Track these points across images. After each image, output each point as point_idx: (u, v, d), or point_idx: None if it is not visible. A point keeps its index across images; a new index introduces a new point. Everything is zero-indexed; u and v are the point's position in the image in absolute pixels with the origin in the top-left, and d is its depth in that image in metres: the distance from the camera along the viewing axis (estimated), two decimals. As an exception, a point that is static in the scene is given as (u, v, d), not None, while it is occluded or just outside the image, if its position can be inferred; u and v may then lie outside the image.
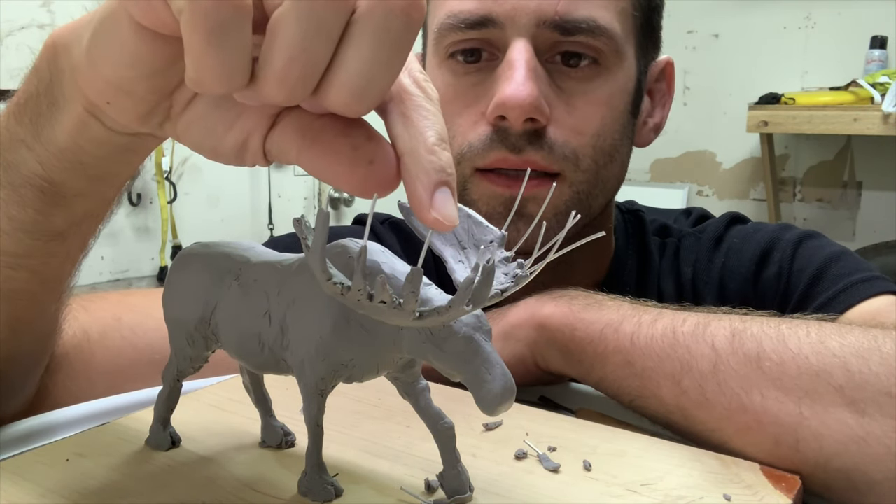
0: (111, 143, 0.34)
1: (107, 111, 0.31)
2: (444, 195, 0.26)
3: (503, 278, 0.29)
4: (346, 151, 0.27)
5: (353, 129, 0.28)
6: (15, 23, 1.74)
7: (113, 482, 0.37)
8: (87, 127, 0.33)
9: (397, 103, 0.28)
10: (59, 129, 0.35)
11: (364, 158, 0.27)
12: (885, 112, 1.93)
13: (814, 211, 2.54)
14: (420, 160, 0.26)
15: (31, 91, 0.36)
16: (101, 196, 0.41)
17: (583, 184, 0.62)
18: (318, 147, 0.28)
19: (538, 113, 0.58)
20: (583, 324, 0.50)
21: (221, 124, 0.30)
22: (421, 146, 0.27)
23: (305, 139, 0.28)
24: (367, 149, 0.27)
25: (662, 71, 0.72)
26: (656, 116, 0.72)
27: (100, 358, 0.55)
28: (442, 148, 0.27)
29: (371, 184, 0.27)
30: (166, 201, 2.08)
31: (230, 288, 0.36)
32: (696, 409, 0.45)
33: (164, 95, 0.30)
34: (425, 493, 0.36)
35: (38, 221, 0.39)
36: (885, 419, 0.40)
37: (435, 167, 0.26)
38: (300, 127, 0.28)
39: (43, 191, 0.37)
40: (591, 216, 0.65)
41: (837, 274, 0.63)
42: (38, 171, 0.37)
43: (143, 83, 0.29)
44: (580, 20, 0.59)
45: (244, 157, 0.30)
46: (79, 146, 0.35)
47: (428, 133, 0.27)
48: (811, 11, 2.44)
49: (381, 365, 0.34)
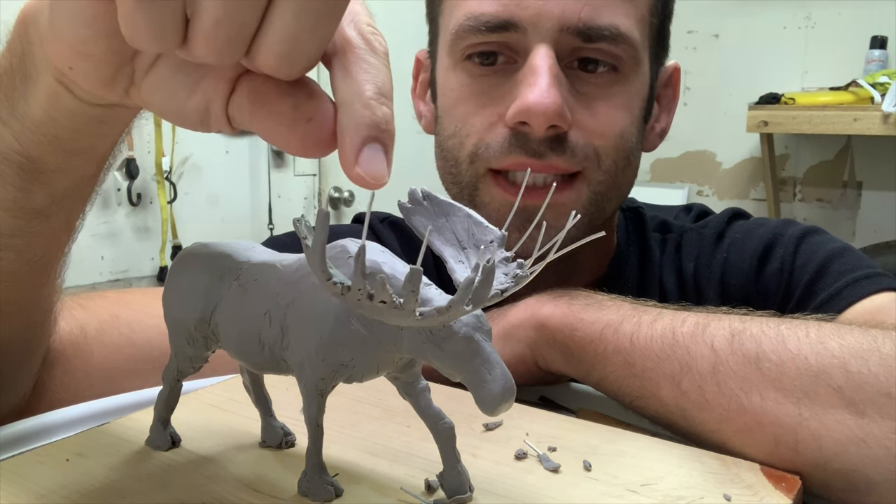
0: (83, 115, 0.35)
1: (71, 76, 0.32)
2: (373, 151, 0.26)
3: (503, 278, 0.29)
4: (287, 111, 0.27)
5: (296, 89, 0.28)
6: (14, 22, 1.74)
7: (113, 482, 0.37)
8: (58, 98, 0.34)
9: (340, 56, 0.27)
10: (33, 101, 0.35)
11: (303, 117, 0.27)
12: (885, 112, 1.93)
13: (814, 211, 2.54)
14: (353, 113, 0.26)
15: (6, 66, 0.36)
16: (79, 172, 0.41)
17: (601, 184, 0.62)
18: (264, 109, 0.28)
19: (561, 120, 0.58)
20: (583, 324, 0.50)
21: (183, 88, 0.30)
22: (356, 99, 0.26)
23: (255, 102, 0.28)
24: (307, 107, 0.27)
25: (670, 77, 0.72)
26: (663, 122, 0.73)
27: (97, 355, 0.55)
28: (379, 102, 0.26)
29: (310, 142, 0.27)
30: (166, 201, 2.08)
31: (230, 288, 0.36)
32: (695, 410, 0.45)
33: (124, 58, 0.30)
34: (425, 493, 0.36)
35: (18, 199, 0.39)
36: (885, 420, 0.40)
37: (367, 121, 0.26)
38: (251, 90, 0.28)
39: (21, 167, 0.38)
40: (603, 219, 0.65)
41: (840, 270, 0.63)
42: (14, 146, 0.37)
43: (101, 44, 0.29)
44: (603, 27, 0.59)
45: (208, 122, 0.30)
46: (52, 119, 0.35)
47: (366, 86, 0.26)
48: (811, 11, 2.44)
49: (381, 365, 0.34)
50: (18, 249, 0.42)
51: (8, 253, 0.41)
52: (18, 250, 0.42)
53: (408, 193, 0.34)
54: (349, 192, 2.63)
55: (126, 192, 2.03)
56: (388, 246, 0.34)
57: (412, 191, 0.34)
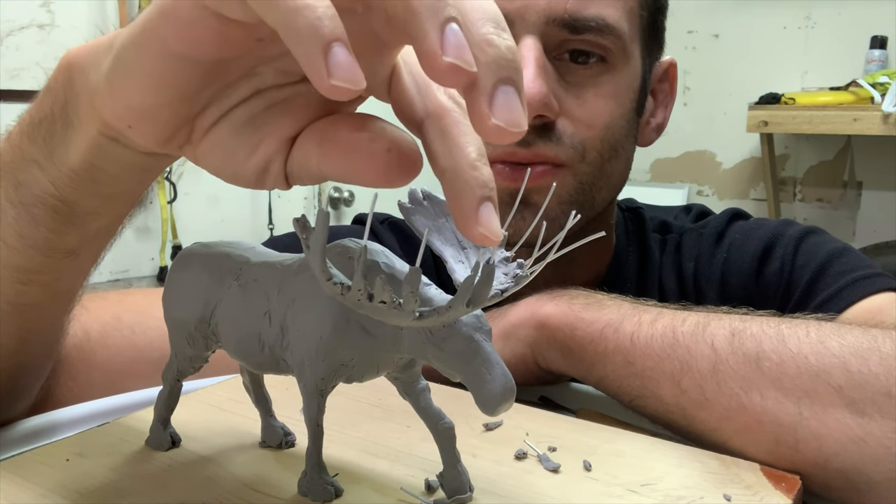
0: (127, 164, 0.34)
1: (128, 135, 0.31)
2: (488, 210, 0.26)
3: (503, 278, 0.29)
4: (364, 145, 0.27)
5: (366, 124, 0.28)
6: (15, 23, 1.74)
7: (113, 482, 0.37)
8: (101, 149, 0.33)
9: (435, 120, 0.27)
10: (73, 149, 0.34)
11: (382, 147, 0.27)
12: (885, 112, 1.92)
13: (814, 211, 2.54)
14: (463, 176, 0.26)
15: (46, 111, 0.35)
16: (114, 213, 0.40)
17: (587, 175, 0.63)
18: (336, 149, 0.28)
19: (546, 110, 0.59)
20: (583, 323, 0.50)
21: (243, 150, 0.30)
22: (463, 162, 0.26)
23: (323, 145, 0.28)
24: (384, 138, 0.27)
25: (666, 72, 0.72)
26: (658, 117, 0.73)
27: (100, 357, 0.55)
28: (483, 163, 0.27)
29: (394, 170, 0.27)
30: (166, 201, 2.07)
31: (230, 288, 0.36)
32: (695, 409, 0.45)
33: (187, 121, 0.30)
34: (425, 493, 0.36)
35: (50, 240, 0.39)
36: (885, 419, 0.40)
37: (478, 182, 0.26)
38: (317, 136, 0.28)
39: (56, 210, 0.37)
40: (594, 210, 0.66)
41: (839, 270, 0.63)
42: (50, 190, 0.36)
43: (167, 109, 0.29)
44: (589, 18, 0.60)
45: (265, 180, 0.30)
46: (93, 166, 0.35)
47: (469, 149, 0.27)
48: (811, 11, 2.44)
49: (381, 365, 0.34)
50: (45, 284, 0.41)
51: (34, 287, 0.41)
52: (45, 285, 0.41)
53: (408, 193, 0.34)
54: (349, 192, 2.63)
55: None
56: (389, 247, 0.34)
57: (412, 191, 0.34)
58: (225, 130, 0.30)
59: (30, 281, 0.41)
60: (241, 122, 0.29)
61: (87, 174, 0.35)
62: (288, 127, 0.29)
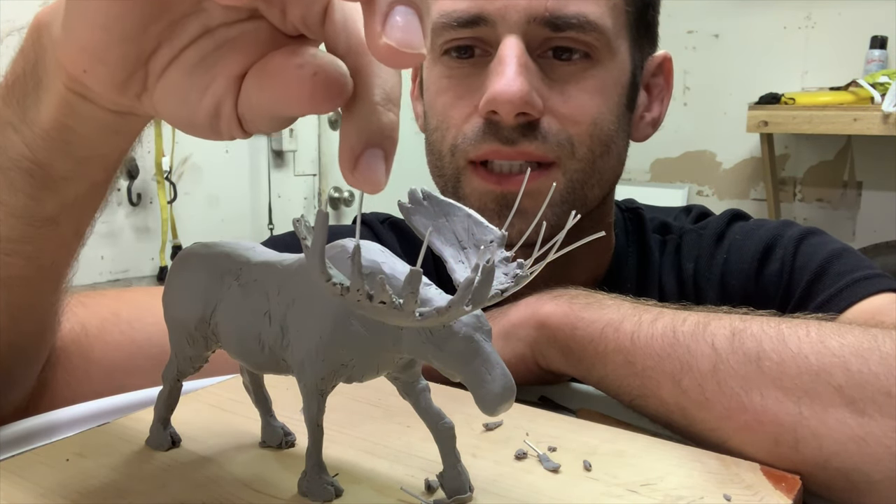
0: (94, 122, 0.35)
1: (84, 80, 0.31)
2: (373, 157, 0.25)
3: (503, 278, 0.29)
4: (292, 71, 0.27)
5: (297, 51, 0.28)
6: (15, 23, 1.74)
7: (113, 482, 0.37)
8: (69, 105, 0.34)
9: (353, 56, 0.27)
10: (44, 108, 0.35)
11: (308, 73, 0.27)
12: (885, 112, 1.93)
13: (814, 211, 2.54)
14: (358, 115, 0.26)
15: (18, 72, 0.36)
16: (89, 179, 0.41)
17: (577, 172, 0.63)
18: (268, 77, 0.28)
19: (529, 107, 0.59)
20: (583, 323, 0.50)
21: (194, 92, 0.30)
22: (363, 102, 0.26)
23: (260, 76, 0.28)
24: (311, 64, 0.27)
25: (660, 66, 0.72)
26: (654, 111, 0.73)
27: (98, 352, 0.56)
28: (386, 108, 0.26)
29: (319, 95, 0.26)
30: (166, 201, 2.08)
31: (230, 288, 0.36)
32: (695, 409, 0.45)
33: (138, 63, 0.30)
34: (425, 493, 0.36)
35: (28, 206, 0.39)
36: (885, 419, 0.40)
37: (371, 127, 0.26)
38: (257, 69, 0.28)
39: (31, 174, 0.38)
40: (587, 208, 0.66)
41: (839, 271, 0.63)
42: (25, 153, 0.37)
43: (115, 48, 0.29)
44: (570, 16, 0.60)
45: (218, 125, 0.30)
46: (63, 125, 0.35)
47: (374, 90, 0.26)
48: (811, 11, 2.44)
49: (381, 365, 0.34)
50: (28, 255, 0.42)
51: (18, 259, 0.42)
52: (28, 256, 0.42)
53: (408, 193, 0.34)
54: (349, 192, 2.63)
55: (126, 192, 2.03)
56: (389, 247, 0.34)
57: (412, 191, 0.34)
58: (177, 73, 0.30)
59: (13, 251, 0.41)
60: (193, 64, 0.29)
61: (58, 134, 0.36)
62: (235, 64, 0.29)
